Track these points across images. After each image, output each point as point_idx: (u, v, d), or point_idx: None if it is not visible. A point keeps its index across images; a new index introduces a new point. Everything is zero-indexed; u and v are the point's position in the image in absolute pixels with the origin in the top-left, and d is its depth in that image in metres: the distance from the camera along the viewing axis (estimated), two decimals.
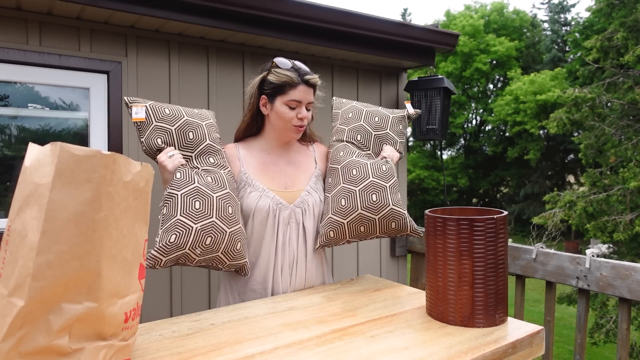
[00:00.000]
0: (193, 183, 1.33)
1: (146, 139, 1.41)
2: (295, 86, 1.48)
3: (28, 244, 0.69)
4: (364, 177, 1.50)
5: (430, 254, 1.15)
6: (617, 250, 8.87)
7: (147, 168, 0.87)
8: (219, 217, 1.32)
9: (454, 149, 22.85)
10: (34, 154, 0.74)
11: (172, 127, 1.41)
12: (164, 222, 1.30)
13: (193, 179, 1.34)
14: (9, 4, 2.16)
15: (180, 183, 1.32)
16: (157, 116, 1.41)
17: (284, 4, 2.57)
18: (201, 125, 1.46)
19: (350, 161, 1.55)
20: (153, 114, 1.41)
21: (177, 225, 1.26)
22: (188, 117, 1.45)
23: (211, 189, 1.35)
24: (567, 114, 8.70)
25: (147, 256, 1.25)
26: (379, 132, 1.67)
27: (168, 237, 1.26)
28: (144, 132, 1.41)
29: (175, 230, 1.26)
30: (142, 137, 1.42)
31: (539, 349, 1.10)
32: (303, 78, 1.49)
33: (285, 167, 1.58)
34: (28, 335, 0.69)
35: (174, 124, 1.42)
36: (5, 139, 2.35)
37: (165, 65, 2.61)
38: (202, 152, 1.44)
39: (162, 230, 1.29)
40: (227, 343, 1.01)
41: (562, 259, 2.06)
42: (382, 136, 1.68)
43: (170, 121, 1.42)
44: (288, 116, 1.49)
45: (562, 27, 21.57)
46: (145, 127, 1.40)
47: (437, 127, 3.39)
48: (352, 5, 71.74)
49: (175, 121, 1.42)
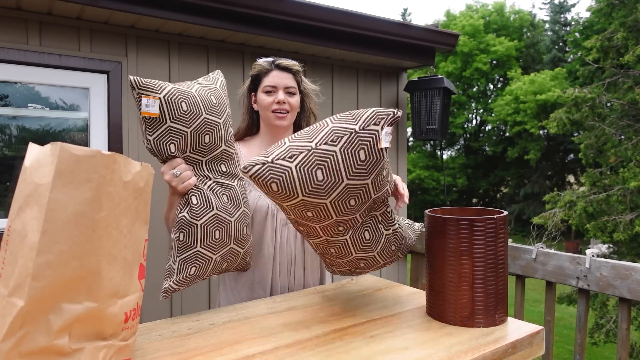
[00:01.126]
0: (212, 210, 1.22)
1: (156, 141, 1.17)
2: (268, 72, 1.51)
3: (28, 244, 0.69)
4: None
5: (430, 254, 1.15)
6: (617, 250, 8.87)
7: (147, 168, 0.87)
8: (236, 242, 1.28)
9: (454, 149, 22.85)
10: (34, 154, 0.74)
11: (187, 130, 1.18)
12: (181, 250, 1.20)
13: (211, 204, 1.22)
14: (9, 4, 2.16)
15: (198, 211, 1.20)
16: (172, 114, 1.15)
17: (284, 4, 2.57)
18: (219, 125, 1.25)
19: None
20: (168, 110, 1.14)
21: (198, 257, 1.21)
22: (207, 114, 1.21)
23: (229, 213, 1.26)
24: (567, 114, 8.70)
25: (165, 288, 1.20)
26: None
27: (188, 269, 1.20)
28: (154, 131, 1.16)
29: (195, 263, 1.21)
30: (151, 135, 1.16)
31: (539, 349, 1.10)
32: (274, 63, 1.52)
33: None
34: (28, 335, 0.69)
35: (190, 124, 1.18)
36: (5, 139, 2.35)
37: (165, 65, 2.61)
38: (214, 158, 1.27)
39: (179, 259, 1.20)
40: (227, 343, 1.01)
41: (562, 259, 2.06)
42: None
43: (187, 121, 1.17)
44: (266, 102, 1.50)
45: (562, 27, 21.58)
46: (157, 126, 1.15)
47: (437, 127, 3.39)
48: (352, 5, 71.72)
49: (192, 121, 1.18)
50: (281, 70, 1.51)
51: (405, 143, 3.65)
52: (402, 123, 3.64)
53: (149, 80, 1.15)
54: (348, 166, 0.99)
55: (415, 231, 1.36)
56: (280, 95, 1.49)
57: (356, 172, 1.00)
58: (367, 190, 1.04)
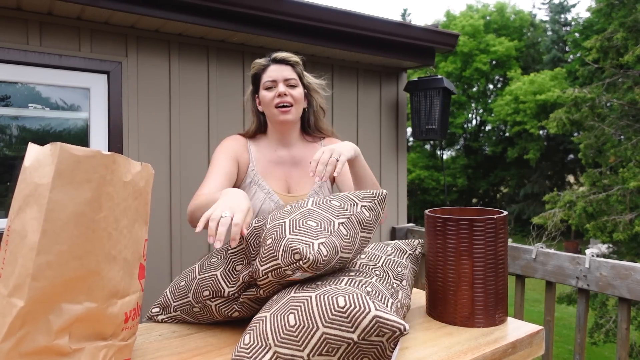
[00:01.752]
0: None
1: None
2: (266, 68, 1.47)
3: (28, 244, 0.69)
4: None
5: (430, 254, 1.15)
6: (616, 250, 8.88)
7: (147, 168, 0.87)
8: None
9: (454, 149, 22.85)
10: (34, 154, 0.74)
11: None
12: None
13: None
14: (10, 4, 2.16)
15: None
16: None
17: (284, 4, 2.57)
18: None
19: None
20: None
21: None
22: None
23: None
24: (567, 114, 8.71)
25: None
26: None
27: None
28: None
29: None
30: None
31: (538, 348, 1.10)
32: (271, 57, 1.47)
33: (290, 167, 1.52)
34: (28, 335, 0.69)
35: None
36: (5, 139, 2.35)
37: (166, 65, 2.61)
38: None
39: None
40: (227, 343, 1.01)
41: (562, 258, 2.06)
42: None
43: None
44: (268, 98, 1.45)
45: (562, 27, 21.58)
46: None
47: (436, 127, 3.39)
48: (352, 5, 71.75)
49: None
50: (278, 63, 1.46)
51: (405, 143, 3.65)
52: (402, 123, 3.64)
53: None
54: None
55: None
56: (281, 87, 1.43)
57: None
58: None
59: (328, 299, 0.82)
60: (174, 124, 2.62)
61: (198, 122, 2.70)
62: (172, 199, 2.58)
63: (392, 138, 3.54)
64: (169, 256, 2.58)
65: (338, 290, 0.84)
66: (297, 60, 1.49)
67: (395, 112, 3.57)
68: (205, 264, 1.13)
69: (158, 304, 1.18)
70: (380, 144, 3.47)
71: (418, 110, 3.45)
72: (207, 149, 2.71)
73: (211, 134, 2.73)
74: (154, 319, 1.18)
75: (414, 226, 3.40)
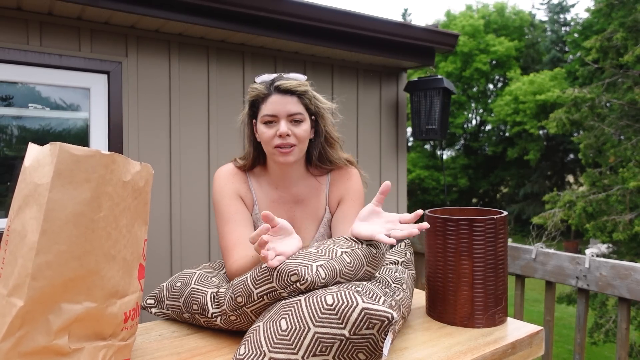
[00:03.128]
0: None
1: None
2: (266, 98, 1.21)
3: (27, 244, 0.69)
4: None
5: (430, 254, 1.15)
6: (616, 250, 8.87)
7: (146, 168, 0.87)
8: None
9: (454, 149, 22.86)
10: (34, 154, 0.74)
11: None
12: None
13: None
14: (10, 4, 2.16)
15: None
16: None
17: (284, 4, 2.57)
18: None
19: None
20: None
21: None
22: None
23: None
24: (567, 114, 8.71)
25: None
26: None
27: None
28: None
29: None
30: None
31: (538, 349, 1.10)
32: (273, 85, 1.21)
33: (293, 207, 1.34)
34: (27, 335, 0.69)
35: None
36: (5, 139, 2.35)
37: (166, 65, 2.61)
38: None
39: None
40: (227, 343, 1.01)
41: (562, 258, 2.06)
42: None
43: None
44: (266, 136, 1.21)
45: (562, 28, 21.59)
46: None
47: (436, 127, 3.39)
48: (352, 5, 71.73)
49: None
50: (282, 93, 1.20)
51: (405, 143, 3.65)
52: (402, 123, 3.64)
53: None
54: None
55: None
56: (283, 126, 1.19)
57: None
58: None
59: (316, 299, 0.83)
60: (174, 124, 2.62)
61: (198, 122, 2.70)
62: (172, 198, 2.59)
63: (392, 138, 3.54)
64: (169, 256, 2.58)
65: (327, 291, 0.86)
66: (304, 90, 1.23)
67: (395, 112, 3.57)
68: (204, 277, 1.13)
69: (153, 296, 1.19)
70: (380, 144, 3.47)
71: (418, 110, 3.45)
72: (207, 149, 2.71)
73: (211, 134, 2.73)
74: (148, 310, 1.19)
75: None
